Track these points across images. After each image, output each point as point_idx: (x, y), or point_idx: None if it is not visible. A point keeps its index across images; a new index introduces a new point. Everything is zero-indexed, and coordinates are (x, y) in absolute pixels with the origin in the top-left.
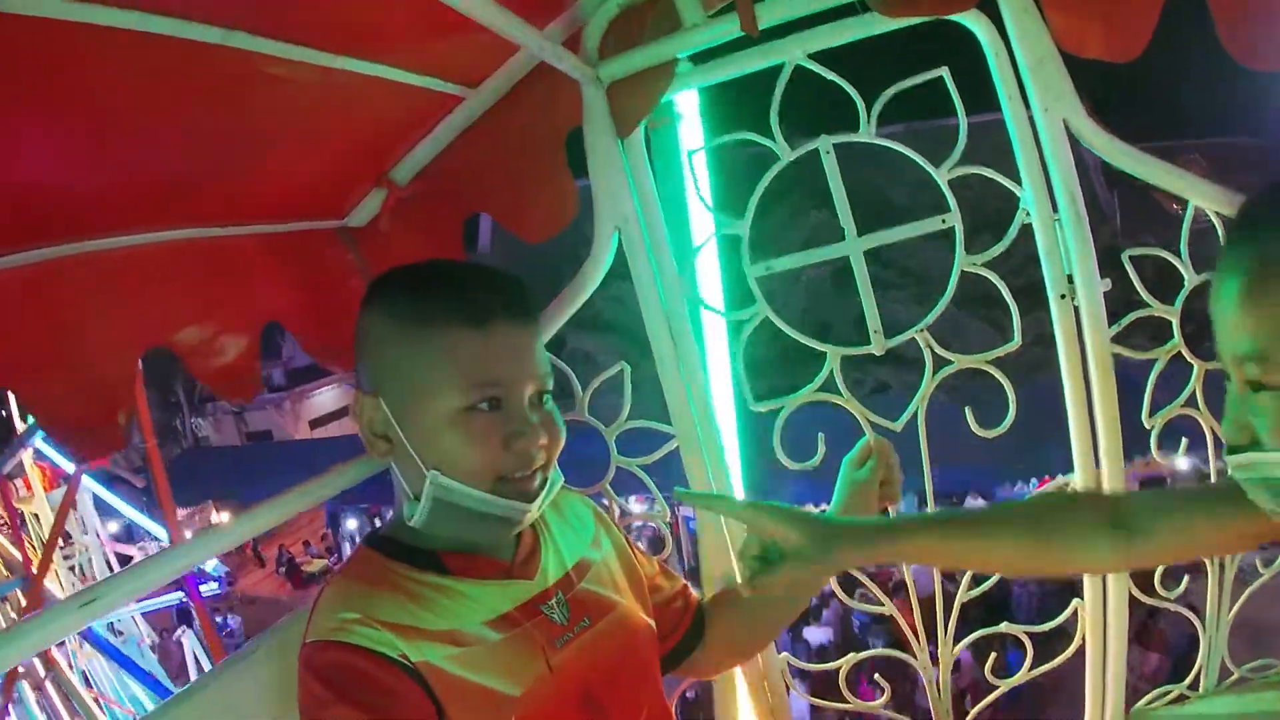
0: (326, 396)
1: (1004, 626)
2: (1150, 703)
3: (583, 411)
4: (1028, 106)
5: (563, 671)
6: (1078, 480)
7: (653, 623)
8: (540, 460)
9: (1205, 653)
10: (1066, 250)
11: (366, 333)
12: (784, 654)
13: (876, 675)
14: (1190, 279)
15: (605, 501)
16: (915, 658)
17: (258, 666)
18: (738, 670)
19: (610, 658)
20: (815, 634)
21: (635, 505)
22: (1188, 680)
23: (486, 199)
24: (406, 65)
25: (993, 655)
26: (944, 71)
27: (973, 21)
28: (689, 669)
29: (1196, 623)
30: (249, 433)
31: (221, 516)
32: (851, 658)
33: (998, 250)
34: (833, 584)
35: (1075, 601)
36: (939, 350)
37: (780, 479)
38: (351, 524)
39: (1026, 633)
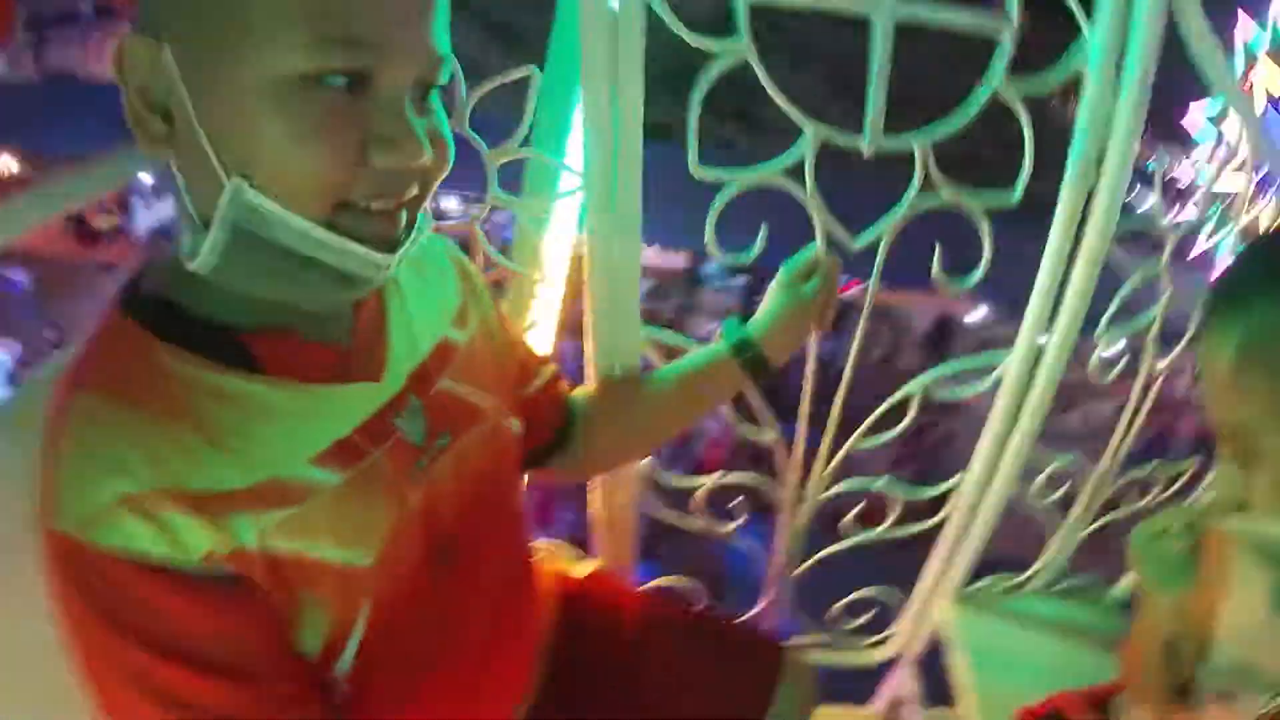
0: None
1: (883, 484)
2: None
3: (462, 122)
4: None
5: (416, 518)
6: (1015, 359)
7: (519, 427)
8: (414, 190)
9: (1049, 555)
10: (1110, 126)
11: None
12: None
13: (734, 503)
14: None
15: None
16: (783, 492)
17: None
18: None
19: (469, 491)
20: None
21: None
22: (1026, 575)
23: None
24: None
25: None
26: None
27: None
28: (551, 473)
29: (1061, 525)
30: (47, 70)
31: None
32: (719, 477)
33: (1050, 84)
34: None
35: (960, 475)
36: (934, 174)
37: None
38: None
39: (904, 496)
